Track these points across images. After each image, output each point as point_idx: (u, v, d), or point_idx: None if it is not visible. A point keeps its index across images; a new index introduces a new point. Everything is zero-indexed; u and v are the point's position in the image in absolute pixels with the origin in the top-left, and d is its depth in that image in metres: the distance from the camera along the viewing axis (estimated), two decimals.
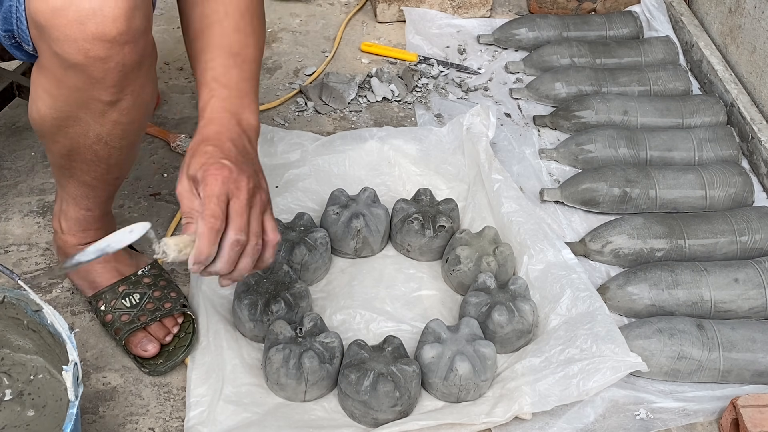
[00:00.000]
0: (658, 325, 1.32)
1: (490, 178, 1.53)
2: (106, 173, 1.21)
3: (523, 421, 1.23)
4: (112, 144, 1.15)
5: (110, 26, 0.98)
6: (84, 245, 1.32)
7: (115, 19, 0.98)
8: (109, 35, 0.99)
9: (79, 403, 0.94)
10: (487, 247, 1.43)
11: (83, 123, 1.11)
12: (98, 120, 1.10)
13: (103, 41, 0.99)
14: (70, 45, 0.99)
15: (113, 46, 1.00)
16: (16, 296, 1.10)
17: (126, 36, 1.00)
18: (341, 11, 2.15)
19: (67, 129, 1.12)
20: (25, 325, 1.13)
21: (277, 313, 1.30)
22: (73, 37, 0.98)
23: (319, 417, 1.24)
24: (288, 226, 1.45)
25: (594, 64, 1.93)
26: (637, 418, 1.26)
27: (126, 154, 1.20)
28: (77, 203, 1.27)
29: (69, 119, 1.11)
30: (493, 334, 1.31)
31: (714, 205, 1.59)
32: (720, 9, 1.95)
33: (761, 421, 1.18)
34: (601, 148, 1.67)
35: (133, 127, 1.15)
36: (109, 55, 1.01)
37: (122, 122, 1.12)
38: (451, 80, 1.94)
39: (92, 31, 0.98)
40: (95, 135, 1.13)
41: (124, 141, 1.16)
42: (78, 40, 0.98)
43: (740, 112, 1.76)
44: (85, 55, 1.00)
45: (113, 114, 1.10)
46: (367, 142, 1.64)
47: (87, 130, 1.12)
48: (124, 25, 0.99)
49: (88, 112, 1.09)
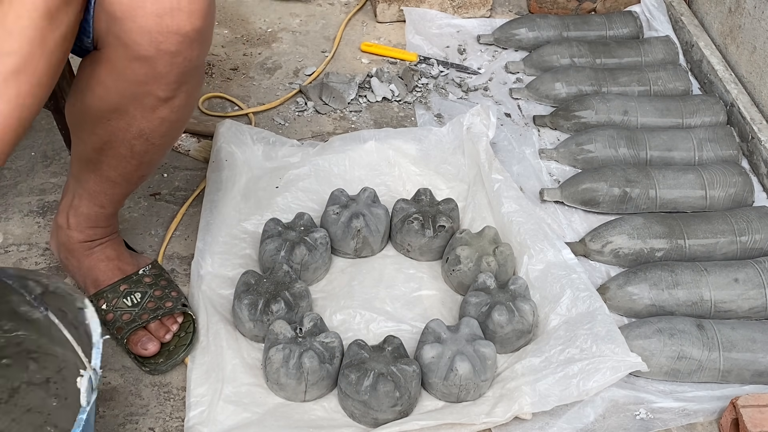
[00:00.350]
0: (658, 325, 1.32)
1: (490, 178, 1.53)
2: (135, 170, 1.22)
3: (523, 421, 1.23)
4: (152, 140, 1.16)
5: (186, 22, 1.01)
6: (89, 242, 1.32)
7: (191, 14, 1.01)
8: (183, 30, 1.02)
9: (91, 409, 0.94)
10: (487, 247, 1.43)
11: (129, 117, 1.12)
12: (147, 115, 1.12)
13: (177, 35, 1.02)
14: (143, 36, 1.01)
15: (184, 42, 1.03)
16: (66, 290, 1.08)
17: (198, 33, 1.04)
18: (341, 11, 2.15)
19: (110, 122, 1.13)
20: (68, 320, 1.12)
21: (277, 313, 1.30)
22: (148, 29, 1.01)
23: (319, 417, 1.24)
24: (288, 226, 1.45)
25: (594, 64, 1.93)
26: (637, 418, 1.26)
27: (161, 153, 1.21)
28: (92, 199, 1.27)
29: (116, 112, 1.12)
30: (493, 334, 1.31)
31: (714, 205, 1.59)
32: (720, 9, 1.96)
33: (761, 421, 1.18)
34: (601, 148, 1.67)
35: (177, 126, 1.17)
36: (178, 50, 1.03)
37: (170, 120, 1.14)
38: (451, 80, 1.94)
39: (168, 24, 1.01)
40: (138, 130, 1.14)
41: (165, 139, 1.18)
42: (153, 32, 1.01)
43: (740, 112, 1.76)
44: (157, 47, 1.02)
45: (164, 110, 1.12)
46: (367, 142, 1.64)
47: (131, 125, 1.13)
48: (199, 22, 1.03)
49: (139, 107, 1.11)
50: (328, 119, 1.81)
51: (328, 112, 1.83)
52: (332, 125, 1.79)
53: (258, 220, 1.50)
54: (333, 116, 1.82)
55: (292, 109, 1.83)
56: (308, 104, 1.84)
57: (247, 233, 1.48)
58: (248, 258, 1.45)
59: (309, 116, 1.82)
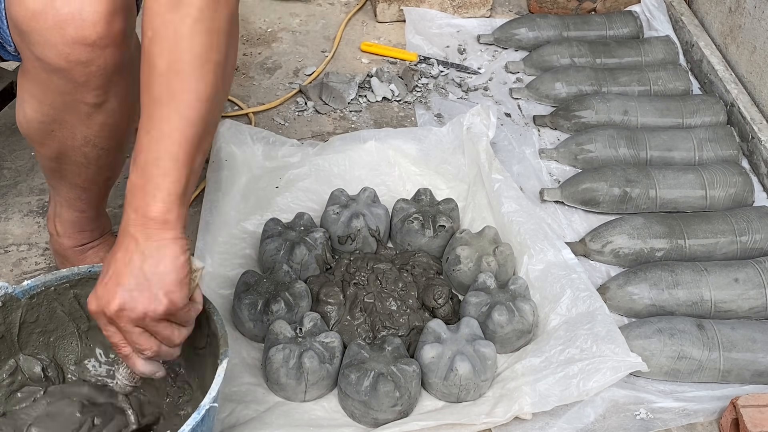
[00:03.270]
0: (658, 325, 1.32)
1: (491, 178, 1.53)
2: (97, 175, 1.20)
3: (523, 421, 1.23)
4: (100, 146, 1.14)
5: (90, 30, 0.97)
6: (80, 246, 1.32)
7: (94, 23, 0.97)
8: (89, 39, 0.98)
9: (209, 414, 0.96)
10: (487, 246, 1.43)
11: (70, 126, 1.10)
12: (84, 122, 1.10)
13: (83, 45, 0.98)
14: (50, 50, 0.98)
15: (94, 50, 0.99)
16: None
17: (106, 39, 0.99)
18: (341, 11, 2.15)
19: (55, 132, 1.12)
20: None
21: (277, 313, 1.30)
22: (53, 42, 0.97)
23: (319, 417, 1.23)
24: (288, 226, 1.45)
25: (594, 63, 1.93)
26: (637, 418, 1.26)
27: (114, 155, 1.19)
28: (71, 205, 1.26)
29: (55, 122, 1.10)
30: (493, 334, 1.31)
31: (714, 205, 1.59)
32: (720, 9, 1.95)
33: (761, 421, 1.18)
34: (601, 148, 1.67)
35: (120, 129, 1.14)
36: (90, 58, 1.00)
37: (109, 124, 1.12)
38: (451, 80, 1.93)
39: (72, 35, 0.97)
40: (83, 137, 1.12)
41: (112, 142, 1.15)
42: (58, 44, 0.98)
43: (740, 112, 1.76)
44: (66, 59, 0.99)
45: (99, 116, 1.10)
46: (367, 142, 1.64)
47: (74, 133, 1.11)
48: (103, 29, 0.98)
49: (74, 115, 1.09)
50: (328, 119, 1.81)
51: (328, 112, 1.82)
52: (332, 125, 1.79)
53: (258, 220, 1.50)
54: (333, 116, 1.82)
55: (292, 109, 1.83)
56: (308, 104, 1.84)
57: (247, 233, 1.48)
58: (248, 258, 1.45)
59: (309, 116, 1.82)
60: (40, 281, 1.09)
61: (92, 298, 0.93)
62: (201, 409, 0.94)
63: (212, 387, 0.98)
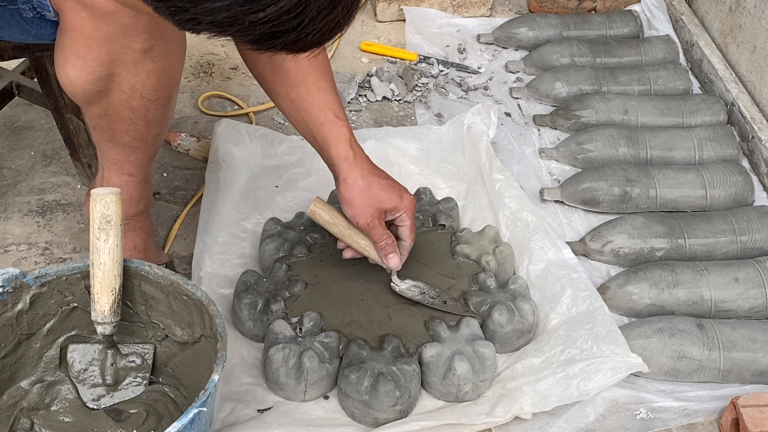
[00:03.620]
0: (658, 325, 1.32)
1: (492, 178, 1.53)
2: (146, 131, 1.19)
3: (523, 421, 1.23)
4: (148, 96, 1.14)
5: None
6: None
7: None
8: None
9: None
10: (487, 246, 1.43)
11: (117, 79, 1.10)
12: (132, 72, 1.09)
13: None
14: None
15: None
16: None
17: None
18: None
19: (101, 89, 1.11)
20: None
21: (277, 312, 1.30)
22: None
23: (319, 417, 1.23)
24: (288, 225, 1.45)
25: (594, 63, 1.93)
26: (637, 417, 1.26)
27: (163, 108, 1.18)
28: (119, 168, 1.25)
29: (101, 79, 1.09)
30: (493, 334, 1.31)
31: (714, 205, 1.59)
32: (720, 8, 1.95)
33: (761, 421, 1.18)
34: (602, 148, 1.67)
35: (167, 76, 1.14)
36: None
37: (157, 71, 1.11)
38: (451, 79, 1.93)
39: None
40: (130, 88, 1.12)
41: (160, 92, 1.15)
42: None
43: (740, 112, 1.76)
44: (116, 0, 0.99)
45: (147, 63, 1.09)
46: (367, 141, 1.64)
47: (121, 85, 1.11)
48: None
49: (121, 65, 1.08)
50: None
51: None
52: None
53: (258, 220, 1.49)
54: None
55: None
56: None
57: (247, 232, 1.48)
58: (248, 257, 1.45)
59: None
60: (52, 270, 1.11)
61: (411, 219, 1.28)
62: (189, 413, 0.94)
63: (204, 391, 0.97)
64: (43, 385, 1.14)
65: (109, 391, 1.15)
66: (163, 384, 1.18)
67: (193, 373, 1.15)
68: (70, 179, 1.61)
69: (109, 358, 1.15)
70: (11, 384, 1.14)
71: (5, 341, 1.11)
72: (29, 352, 1.14)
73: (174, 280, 1.11)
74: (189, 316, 1.12)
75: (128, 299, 1.15)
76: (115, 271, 1.07)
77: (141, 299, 1.14)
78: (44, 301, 1.12)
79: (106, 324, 1.09)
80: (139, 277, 1.13)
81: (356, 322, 1.30)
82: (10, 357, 1.12)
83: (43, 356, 1.15)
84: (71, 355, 1.15)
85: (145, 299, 1.14)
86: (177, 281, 1.11)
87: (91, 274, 1.08)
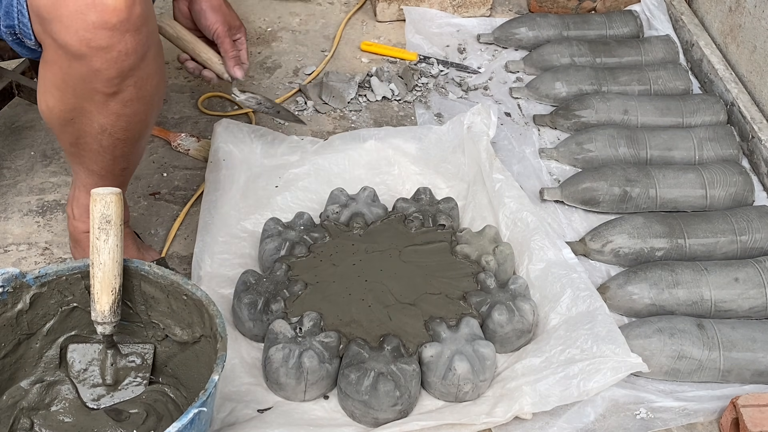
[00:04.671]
0: (658, 325, 1.32)
1: (492, 178, 1.53)
2: (113, 164, 1.22)
3: (523, 420, 1.23)
4: (116, 135, 1.16)
5: (110, 15, 1.00)
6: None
7: (115, 7, 1.00)
8: (109, 23, 1.01)
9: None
10: (487, 246, 1.43)
11: (88, 114, 1.12)
12: (102, 112, 1.11)
13: (104, 30, 1.01)
14: (71, 35, 1.01)
15: (114, 35, 1.02)
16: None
17: (127, 24, 1.02)
18: (341, 10, 2.15)
19: (74, 120, 1.14)
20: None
21: (277, 312, 1.30)
22: (75, 28, 1.00)
23: (319, 417, 1.23)
24: (288, 225, 1.45)
25: (594, 63, 1.93)
26: (637, 417, 1.26)
27: (131, 147, 1.21)
28: (87, 190, 1.27)
29: (75, 111, 1.12)
30: (493, 334, 1.31)
31: (714, 205, 1.59)
32: (720, 8, 1.95)
33: (761, 421, 1.18)
34: (601, 148, 1.67)
35: (137, 120, 1.15)
36: (110, 44, 1.02)
37: (125, 114, 1.13)
38: (451, 79, 1.93)
39: (93, 20, 1.00)
40: (99, 126, 1.14)
41: (129, 133, 1.17)
42: (79, 30, 1.00)
43: (740, 112, 1.76)
44: (87, 45, 1.01)
45: (115, 105, 1.11)
46: (367, 141, 1.64)
47: (92, 121, 1.13)
48: (124, 14, 1.01)
49: (92, 104, 1.10)
50: (328, 118, 1.81)
51: (327, 112, 1.82)
52: (332, 124, 1.79)
53: (257, 220, 1.49)
54: (333, 115, 1.82)
55: (292, 108, 1.83)
56: (308, 103, 1.84)
57: (247, 232, 1.48)
58: (248, 257, 1.45)
59: (309, 115, 1.81)
60: (52, 270, 1.11)
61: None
62: (189, 413, 0.94)
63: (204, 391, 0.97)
64: (43, 385, 1.14)
65: (108, 391, 1.15)
66: (163, 384, 1.18)
67: (193, 373, 1.15)
68: (70, 179, 1.60)
69: (109, 358, 1.15)
70: (11, 384, 1.14)
71: (5, 341, 1.11)
72: (29, 352, 1.14)
73: (174, 280, 1.11)
74: (189, 316, 1.12)
75: (128, 299, 1.15)
76: (115, 271, 1.08)
77: (141, 299, 1.15)
78: (44, 301, 1.12)
79: (106, 324, 1.09)
80: (139, 277, 1.13)
81: (356, 322, 1.30)
82: (10, 357, 1.12)
83: (43, 356, 1.15)
84: (71, 355, 1.15)
85: (145, 299, 1.14)
86: (177, 281, 1.11)
87: (91, 274, 1.08)
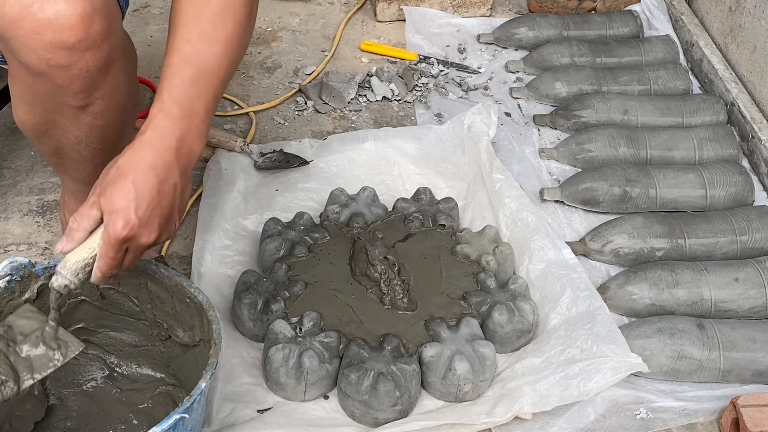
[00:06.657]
0: (658, 325, 1.32)
1: (492, 177, 1.53)
2: (95, 171, 1.19)
3: (523, 421, 1.23)
4: (92, 146, 1.15)
5: (67, 34, 0.97)
6: None
7: (71, 26, 0.97)
8: (67, 43, 0.98)
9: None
10: (487, 246, 1.43)
11: (61, 126, 1.11)
12: (73, 123, 1.10)
13: (62, 49, 0.98)
14: (31, 55, 0.98)
15: (74, 53, 0.99)
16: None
17: (86, 42, 0.99)
18: (341, 10, 2.15)
19: (49, 132, 1.13)
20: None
21: (277, 312, 1.30)
22: (33, 47, 0.98)
23: (319, 417, 1.23)
24: (288, 225, 1.45)
25: (594, 63, 1.93)
26: (637, 417, 1.26)
27: (111, 154, 1.17)
28: (76, 197, 1.28)
29: (48, 123, 1.11)
30: (493, 334, 1.31)
31: (714, 205, 1.59)
32: (720, 8, 1.95)
33: (761, 421, 1.18)
34: (601, 148, 1.67)
35: (110, 129, 1.14)
36: (70, 62, 1.00)
37: (98, 125, 1.12)
38: (451, 79, 1.93)
39: (50, 40, 0.97)
40: (74, 137, 1.13)
41: (105, 143, 1.15)
42: (38, 50, 0.98)
43: (740, 112, 1.76)
44: (47, 63, 0.99)
45: (86, 118, 1.10)
46: (367, 141, 1.64)
47: (66, 132, 1.12)
48: (82, 32, 0.98)
49: (63, 117, 1.09)
50: (328, 118, 1.81)
51: (327, 112, 1.82)
52: (332, 124, 1.79)
53: (258, 219, 1.49)
54: (333, 115, 1.82)
55: (291, 108, 1.83)
56: (308, 103, 1.84)
57: (247, 232, 1.48)
58: (248, 257, 1.45)
59: (309, 115, 1.81)
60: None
61: (122, 229, 0.96)
62: (170, 418, 0.93)
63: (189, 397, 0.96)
64: None
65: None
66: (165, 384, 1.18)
67: (192, 375, 1.15)
68: None
69: (48, 328, 1.06)
70: None
71: None
72: None
73: (178, 282, 1.11)
74: (191, 318, 1.12)
75: (135, 297, 1.15)
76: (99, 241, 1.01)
77: (147, 297, 1.15)
78: None
79: (61, 276, 1.00)
80: (146, 275, 1.13)
81: (356, 322, 1.30)
82: None
83: None
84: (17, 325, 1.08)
85: (151, 298, 1.15)
86: (181, 283, 1.11)
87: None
